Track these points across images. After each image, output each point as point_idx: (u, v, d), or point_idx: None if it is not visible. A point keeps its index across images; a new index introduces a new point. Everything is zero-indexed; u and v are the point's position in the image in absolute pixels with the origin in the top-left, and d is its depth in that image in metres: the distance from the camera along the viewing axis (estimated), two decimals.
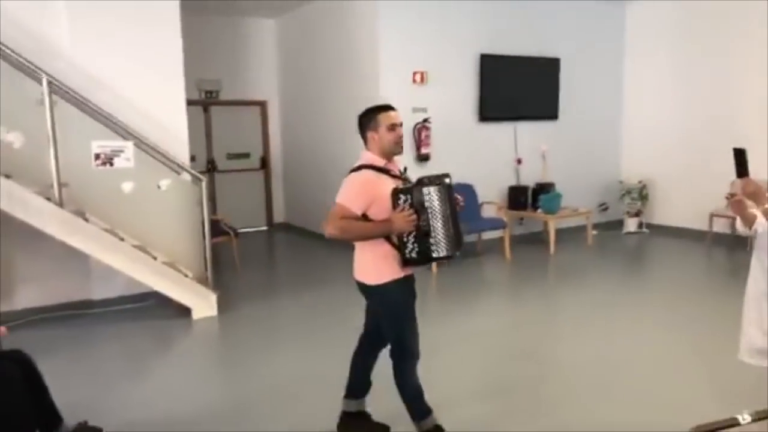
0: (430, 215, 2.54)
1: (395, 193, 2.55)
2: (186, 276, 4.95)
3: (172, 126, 5.41)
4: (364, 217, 2.59)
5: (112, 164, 4.61)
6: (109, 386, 3.76)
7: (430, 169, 7.04)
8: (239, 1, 7.91)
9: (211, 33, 8.64)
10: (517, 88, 7.63)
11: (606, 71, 8.49)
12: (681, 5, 7.80)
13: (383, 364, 2.89)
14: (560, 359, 4.06)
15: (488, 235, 7.28)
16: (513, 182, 7.71)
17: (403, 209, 2.52)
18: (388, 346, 2.82)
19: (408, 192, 2.55)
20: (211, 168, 8.95)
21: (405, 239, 2.58)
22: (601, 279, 6.16)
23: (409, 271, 2.71)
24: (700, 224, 7.50)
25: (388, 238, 2.61)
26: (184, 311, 4.97)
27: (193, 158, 7.91)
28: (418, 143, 6.95)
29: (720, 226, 7.35)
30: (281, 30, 9.13)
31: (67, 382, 3.45)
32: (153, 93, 5.30)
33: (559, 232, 7.36)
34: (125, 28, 5.17)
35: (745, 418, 1.37)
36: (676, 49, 7.92)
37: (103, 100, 4.79)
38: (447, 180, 2.62)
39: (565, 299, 5.51)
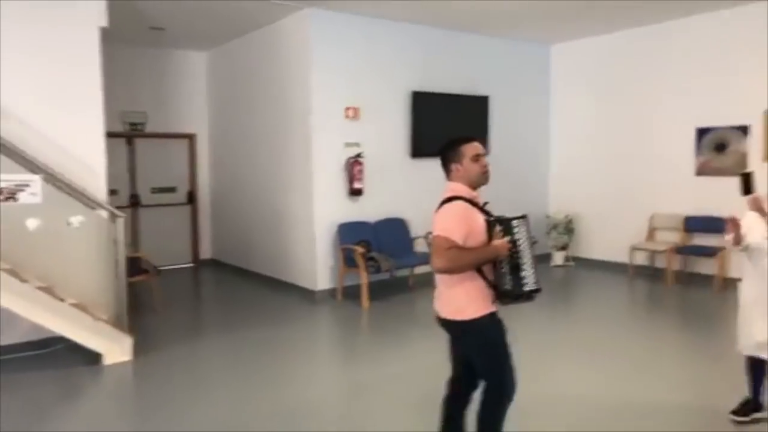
0: (520, 248, 2.55)
1: (492, 223, 2.54)
2: (99, 319, 4.60)
3: (88, 160, 5.11)
4: None
5: (15, 199, 4.27)
6: None
7: (363, 204, 7.04)
8: (169, 34, 7.72)
9: (138, 64, 8.40)
10: (448, 124, 7.74)
11: (533, 109, 8.80)
12: (601, 47, 8.25)
13: None
14: None
15: (421, 269, 7.26)
16: None
17: (500, 238, 2.51)
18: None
19: (502, 223, 2.56)
20: (134, 202, 8.56)
21: (502, 269, 2.53)
22: (534, 312, 6.21)
23: (496, 307, 2.61)
24: (622, 257, 7.78)
25: (480, 272, 2.54)
26: (96, 357, 4.61)
27: (114, 192, 7.57)
28: (351, 178, 6.90)
29: (640, 259, 7.65)
30: (212, 63, 8.97)
31: None
32: (68, 125, 5.01)
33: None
34: (36, 54, 4.90)
35: None
36: (598, 87, 8.33)
37: (9, 131, 4.48)
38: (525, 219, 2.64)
39: None
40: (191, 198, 9.10)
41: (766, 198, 3.21)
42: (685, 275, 7.31)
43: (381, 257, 6.44)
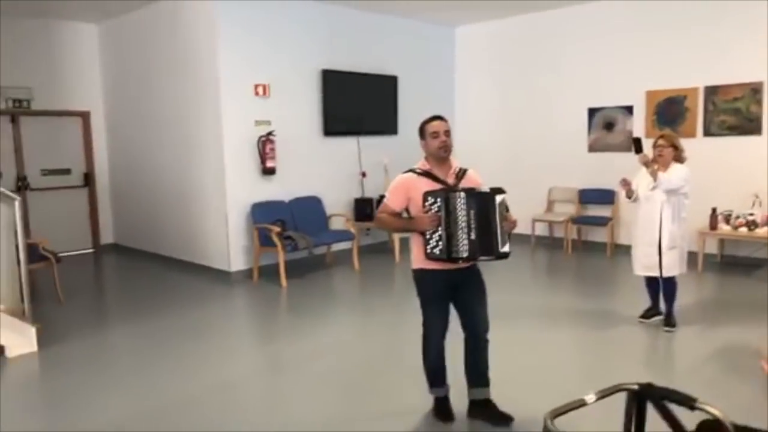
0: (455, 219, 2.84)
1: (425, 195, 2.90)
2: None
3: None
4: (408, 212, 3.02)
5: None
6: None
7: (276, 183, 6.96)
8: (55, 3, 7.11)
9: (22, 37, 7.70)
10: (359, 103, 7.82)
11: (439, 89, 9.05)
12: (502, 30, 8.63)
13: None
14: (410, 365, 4.17)
15: (338, 246, 7.34)
16: (358, 194, 7.87)
17: (429, 210, 2.87)
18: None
19: (437, 195, 2.88)
20: (22, 186, 7.90)
21: (428, 236, 2.89)
22: None
23: (443, 265, 2.95)
24: (525, 229, 8.26)
25: (423, 233, 2.93)
26: None
27: None
28: (263, 157, 6.79)
29: (540, 230, 8.19)
30: (105, 36, 8.40)
31: None
32: None
33: (403, 241, 7.64)
34: None
35: (590, 397, 1.51)
36: (500, 69, 8.72)
37: None
38: (499, 195, 2.91)
39: (412, 307, 5.67)
40: (88, 180, 8.54)
41: (651, 156, 4.42)
42: (581, 243, 7.94)
43: (298, 236, 6.43)
